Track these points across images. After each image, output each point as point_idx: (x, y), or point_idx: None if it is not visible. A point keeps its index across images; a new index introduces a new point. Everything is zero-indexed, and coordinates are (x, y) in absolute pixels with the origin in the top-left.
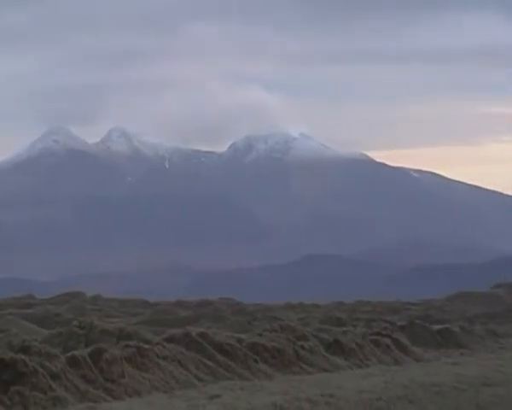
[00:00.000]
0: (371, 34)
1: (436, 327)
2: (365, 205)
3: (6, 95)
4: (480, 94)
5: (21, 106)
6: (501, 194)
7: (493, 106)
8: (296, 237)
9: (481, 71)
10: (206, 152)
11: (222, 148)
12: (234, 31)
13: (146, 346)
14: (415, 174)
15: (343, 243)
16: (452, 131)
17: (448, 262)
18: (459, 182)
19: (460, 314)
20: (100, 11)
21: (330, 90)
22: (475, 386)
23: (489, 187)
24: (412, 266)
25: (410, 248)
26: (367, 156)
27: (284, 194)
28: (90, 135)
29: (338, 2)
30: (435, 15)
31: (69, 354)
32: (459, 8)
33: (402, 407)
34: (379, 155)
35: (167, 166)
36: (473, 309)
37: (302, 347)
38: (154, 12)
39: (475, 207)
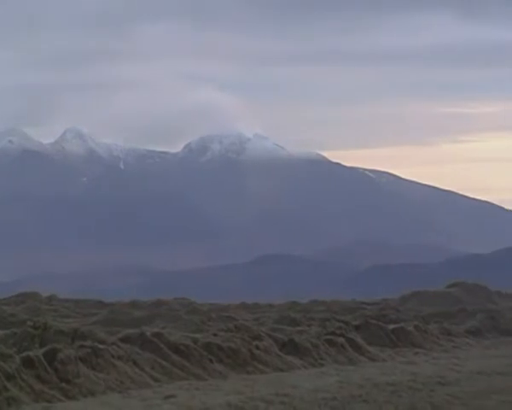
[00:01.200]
0: (327, 35)
1: (391, 327)
2: (321, 205)
3: None
4: (435, 94)
5: None
6: (456, 194)
7: (449, 106)
8: (251, 237)
9: (437, 71)
10: (161, 152)
11: (177, 148)
12: (188, 31)
13: (101, 346)
14: (370, 174)
15: (298, 242)
16: (408, 132)
17: (404, 262)
18: (415, 182)
19: (415, 314)
20: (55, 11)
21: (285, 90)
22: (430, 385)
23: (444, 187)
24: (368, 266)
25: (366, 248)
26: (322, 156)
27: (239, 194)
28: (45, 136)
29: (293, 2)
30: (390, 16)
31: (24, 355)
32: (415, 8)
33: (357, 407)
34: (334, 155)
35: (122, 167)
36: (428, 309)
37: (257, 347)
38: (109, 12)
39: (431, 208)
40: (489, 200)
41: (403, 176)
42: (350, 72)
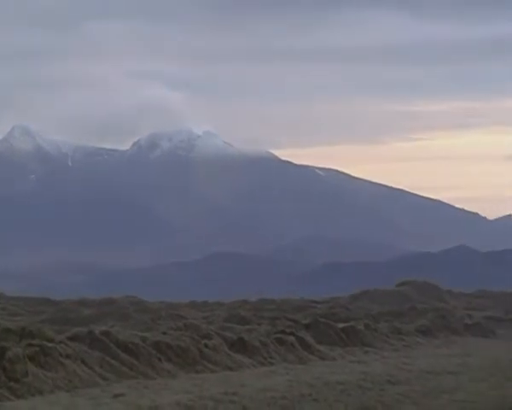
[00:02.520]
0: (276, 32)
1: (341, 325)
2: (271, 203)
3: None
4: (386, 92)
5: None
6: (407, 192)
7: (400, 104)
8: (201, 235)
9: (385, 69)
10: (110, 150)
11: (126, 145)
12: (137, 29)
13: (49, 344)
14: (320, 172)
15: (249, 241)
16: (359, 129)
17: (354, 260)
18: (364, 180)
19: (365, 312)
20: (2, 8)
21: (235, 87)
22: (380, 384)
23: (395, 185)
24: (319, 265)
25: (317, 247)
26: (272, 154)
27: (189, 192)
28: None
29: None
30: (339, 14)
31: None
32: (366, 6)
33: (307, 406)
34: (284, 154)
35: (70, 164)
36: (378, 307)
37: (206, 345)
38: (57, 10)
39: (382, 206)
40: (440, 198)
41: (353, 174)
42: (301, 69)
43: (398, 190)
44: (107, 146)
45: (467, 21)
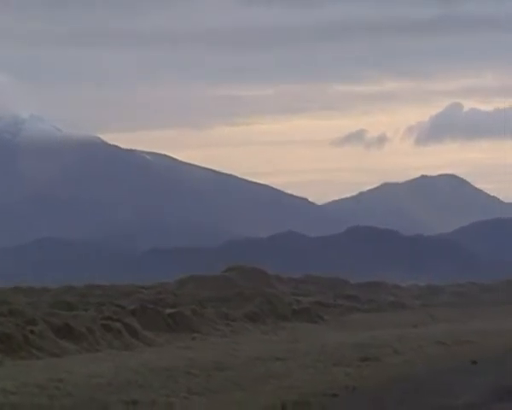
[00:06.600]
0: (103, 17)
1: (168, 311)
2: (98, 188)
3: None
4: (209, 77)
5: None
6: (235, 177)
7: (222, 89)
8: (27, 220)
9: (210, 53)
10: None
11: None
12: None
13: None
14: (147, 156)
15: (75, 226)
16: (184, 114)
17: (183, 245)
18: (192, 165)
19: (192, 298)
20: None
21: (62, 71)
22: (207, 370)
23: (223, 170)
24: (146, 250)
25: (144, 232)
26: (100, 139)
27: (14, 177)
28: None
29: None
30: None
31: None
32: None
33: (132, 392)
34: (112, 138)
35: None
36: (205, 293)
37: (31, 331)
38: None
39: (208, 191)
40: (268, 183)
41: (180, 158)
42: (127, 53)
43: (226, 174)
44: None
45: (293, 6)
